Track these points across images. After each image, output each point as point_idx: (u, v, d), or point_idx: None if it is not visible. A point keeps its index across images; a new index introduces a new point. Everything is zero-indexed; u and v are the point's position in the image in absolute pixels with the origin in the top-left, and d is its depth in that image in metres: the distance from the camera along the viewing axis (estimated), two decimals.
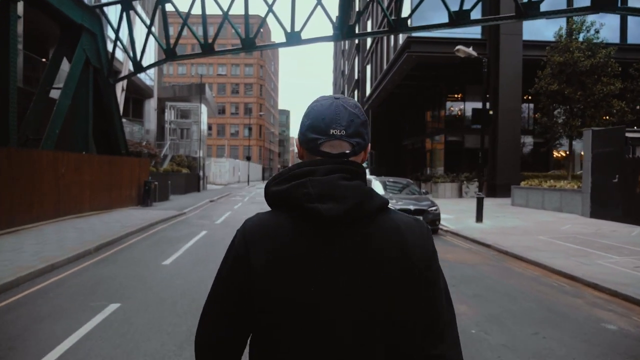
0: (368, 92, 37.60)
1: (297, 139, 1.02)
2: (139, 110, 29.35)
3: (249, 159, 55.07)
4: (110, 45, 17.05)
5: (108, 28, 16.81)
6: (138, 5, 17.49)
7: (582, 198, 13.99)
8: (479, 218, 12.31)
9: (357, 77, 43.49)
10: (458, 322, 0.99)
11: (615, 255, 7.65)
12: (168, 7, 14.98)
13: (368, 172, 18.67)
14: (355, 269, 0.87)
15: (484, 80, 13.02)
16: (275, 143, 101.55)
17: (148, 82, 27.61)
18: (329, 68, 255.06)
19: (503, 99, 22.05)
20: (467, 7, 11.77)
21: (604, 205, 12.86)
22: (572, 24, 18.65)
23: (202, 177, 31.42)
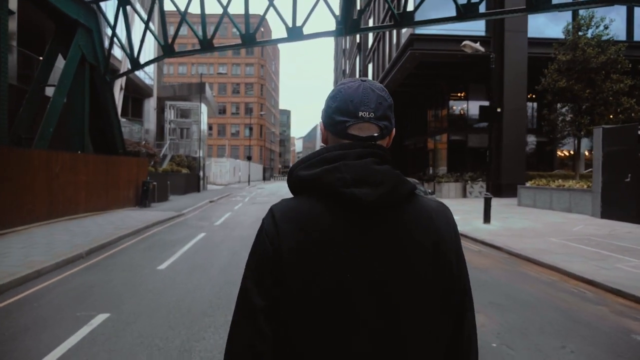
0: None
1: (320, 123, 1.00)
2: (139, 110, 29.03)
3: (250, 159, 54.76)
4: (107, 42, 16.66)
5: (105, 24, 16.43)
6: (136, 2, 17.11)
7: (592, 198, 13.59)
8: (487, 219, 11.90)
9: (358, 76, 43.19)
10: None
11: (634, 259, 7.25)
12: (166, 3, 14.64)
13: None
14: (390, 256, 0.85)
15: (491, 77, 12.63)
16: (276, 143, 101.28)
17: (147, 81, 27.26)
18: (330, 67, 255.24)
19: (508, 97, 21.63)
20: None
21: (616, 206, 12.46)
22: (579, 20, 18.26)
23: (202, 177, 31.08)
